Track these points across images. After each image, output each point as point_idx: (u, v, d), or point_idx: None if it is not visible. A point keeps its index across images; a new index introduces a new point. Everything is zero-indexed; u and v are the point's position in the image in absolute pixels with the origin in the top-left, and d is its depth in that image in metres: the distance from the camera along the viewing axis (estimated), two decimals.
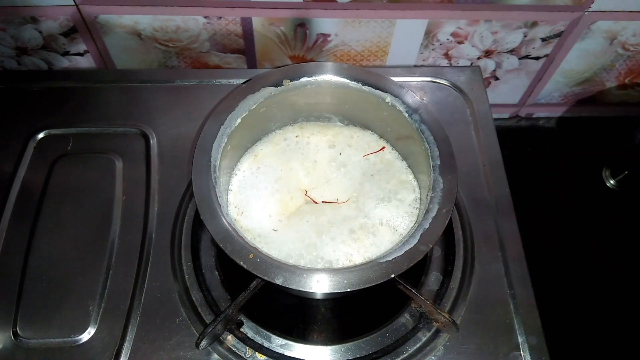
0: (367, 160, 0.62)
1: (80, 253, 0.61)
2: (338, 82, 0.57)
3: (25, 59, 0.79)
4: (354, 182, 0.60)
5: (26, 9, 0.70)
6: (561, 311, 0.63)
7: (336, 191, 0.60)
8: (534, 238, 0.64)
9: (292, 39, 0.76)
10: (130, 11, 0.71)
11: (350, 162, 0.62)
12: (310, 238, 0.56)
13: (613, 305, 0.65)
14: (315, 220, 0.57)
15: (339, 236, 0.56)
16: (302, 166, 0.61)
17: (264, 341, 0.56)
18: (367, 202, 0.58)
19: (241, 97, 0.55)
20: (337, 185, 0.61)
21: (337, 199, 0.60)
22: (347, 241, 0.55)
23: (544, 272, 0.63)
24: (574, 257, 0.69)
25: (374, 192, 0.59)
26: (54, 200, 0.64)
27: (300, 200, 0.60)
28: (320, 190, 0.60)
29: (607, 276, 0.67)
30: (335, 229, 0.56)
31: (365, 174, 0.61)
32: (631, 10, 0.72)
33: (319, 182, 0.61)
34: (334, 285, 0.44)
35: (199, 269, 0.61)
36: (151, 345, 0.56)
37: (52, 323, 0.56)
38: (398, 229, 0.56)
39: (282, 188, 0.60)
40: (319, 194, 0.60)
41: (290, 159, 0.62)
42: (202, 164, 0.51)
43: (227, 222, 0.47)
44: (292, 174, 0.61)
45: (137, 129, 0.70)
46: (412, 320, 0.58)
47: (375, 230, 0.56)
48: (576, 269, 0.67)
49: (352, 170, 0.61)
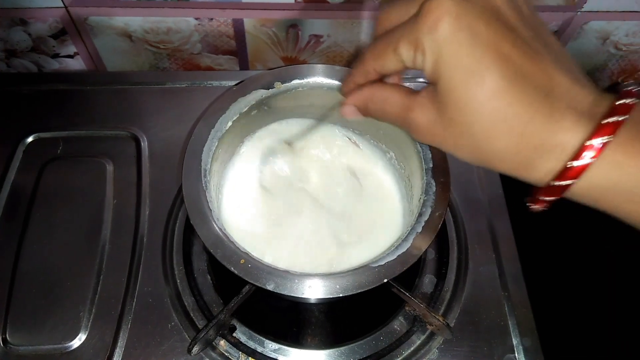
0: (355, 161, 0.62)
1: (71, 258, 0.60)
2: (330, 84, 0.56)
3: (14, 61, 0.79)
4: (343, 184, 0.60)
5: (14, 10, 0.70)
6: (556, 312, 0.63)
7: (326, 192, 0.60)
8: (527, 239, 0.64)
9: (284, 40, 0.76)
10: (120, 13, 0.71)
11: (340, 164, 0.62)
12: (303, 238, 0.56)
13: (608, 306, 0.65)
14: (308, 220, 0.57)
15: (327, 238, 0.56)
16: (293, 168, 0.61)
17: (257, 346, 0.55)
18: (357, 204, 0.58)
19: (232, 100, 0.55)
20: (327, 186, 0.60)
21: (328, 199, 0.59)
22: (338, 243, 0.55)
23: (538, 273, 0.63)
24: (568, 257, 0.68)
25: (364, 193, 0.59)
26: (43, 204, 0.64)
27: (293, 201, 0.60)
28: (311, 191, 0.60)
29: (602, 277, 0.67)
30: (325, 230, 0.56)
31: (354, 175, 0.61)
32: (623, 10, 0.72)
33: (310, 184, 0.60)
34: (326, 290, 0.44)
35: (191, 273, 0.60)
36: (143, 351, 0.55)
37: (42, 329, 0.56)
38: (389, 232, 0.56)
39: (274, 189, 0.60)
40: (310, 194, 0.60)
41: (281, 160, 0.62)
42: (193, 168, 0.50)
43: (218, 227, 0.46)
44: (284, 175, 0.61)
45: (127, 131, 0.70)
46: (406, 323, 0.58)
47: (367, 233, 0.56)
48: (570, 270, 0.67)
49: (341, 172, 0.61)
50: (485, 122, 0.30)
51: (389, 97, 0.37)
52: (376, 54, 0.36)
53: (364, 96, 0.40)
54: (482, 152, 0.32)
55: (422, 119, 0.34)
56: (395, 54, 0.34)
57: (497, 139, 0.31)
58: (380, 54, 0.35)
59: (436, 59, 0.31)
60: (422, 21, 0.31)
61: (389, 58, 0.35)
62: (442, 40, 0.30)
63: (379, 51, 0.36)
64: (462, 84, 0.30)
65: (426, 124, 0.34)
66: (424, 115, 0.34)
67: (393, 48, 0.34)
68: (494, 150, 0.31)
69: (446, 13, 0.30)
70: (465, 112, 0.31)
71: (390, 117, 0.38)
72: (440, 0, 0.30)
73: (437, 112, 0.33)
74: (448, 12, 0.30)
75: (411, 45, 0.32)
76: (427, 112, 0.34)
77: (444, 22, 0.30)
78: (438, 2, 0.30)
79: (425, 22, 0.31)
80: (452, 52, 0.30)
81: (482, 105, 0.30)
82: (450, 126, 0.32)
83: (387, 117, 0.38)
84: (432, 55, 0.31)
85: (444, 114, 0.32)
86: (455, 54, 0.30)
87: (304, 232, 0.57)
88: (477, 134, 0.31)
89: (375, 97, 0.39)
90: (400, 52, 0.33)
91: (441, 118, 0.33)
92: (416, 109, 0.35)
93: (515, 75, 0.30)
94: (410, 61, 0.33)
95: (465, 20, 0.30)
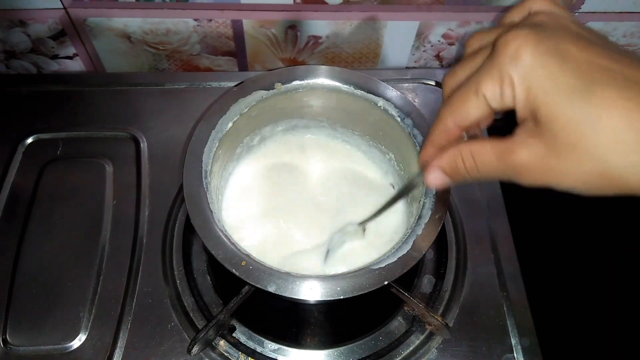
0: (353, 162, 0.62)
1: (71, 258, 0.60)
2: (330, 85, 0.56)
3: (13, 62, 0.79)
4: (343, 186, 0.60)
5: (14, 12, 0.70)
6: (554, 312, 0.64)
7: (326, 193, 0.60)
8: (526, 239, 0.65)
9: (283, 41, 0.76)
10: (119, 14, 0.71)
11: (340, 166, 0.62)
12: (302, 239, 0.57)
13: (606, 306, 0.66)
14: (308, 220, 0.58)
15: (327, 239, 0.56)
16: (293, 168, 0.61)
17: (256, 346, 0.56)
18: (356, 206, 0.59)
19: (232, 101, 0.55)
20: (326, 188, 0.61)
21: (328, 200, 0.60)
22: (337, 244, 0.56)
23: (536, 273, 0.63)
24: (566, 257, 0.69)
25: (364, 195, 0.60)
26: (43, 205, 0.64)
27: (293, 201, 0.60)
28: (311, 192, 0.60)
29: (600, 277, 0.67)
30: (325, 231, 0.57)
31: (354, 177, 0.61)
32: (621, 11, 0.73)
33: (310, 185, 0.61)
34: (327, 292, 0.44)
35: (191, 273, 0.60)
36: (142, 352, 0.55)
37: (42, 330, 0.56)
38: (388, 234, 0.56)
39: (274, 190, 0.60)
40: (310, 195, 0.60)
41: (282, 161, 0.62)
42: (193, 169, 0.50)
43: (219, 229, 0.47)
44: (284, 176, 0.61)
45: (127, 132, 0.70)
46: (406, 323, 0.58)
47: (368, 235, 0.56)
48: (569, 270, 0.68)
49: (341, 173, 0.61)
50: (608, 137, 0.28)
51: (479, 148, 0.34)
52: (455, 106, 0.34)
53: (451, 156, 0.36)
54: (611, 172, 0.29)
55: (529, 157, 0.31)
56: (478, 97, 0.32)
57: (626, 149, 0.28)
58: (459, 104, 0.33)
59: (528, 87, 0.29)
60: (502, 54, 0.30)
61: (471, 104, 0.32)
62: (530, 67, 0.29)
63: (457, 102, 0.33)
64: (568, 104, 0.28)
65: (536, 161, 0.31)
66: (531, 152, 0.31)
67: (474, 91, 0.32)
68: (626, 164, 0.28)
69: (525, 40, 0.29)
70: (581, 133, 0.28)
71: (487, 169, 0.34)
72: (516, 31, 0.29)
73: (545, 144, 0.30)
74: (526, 39, 0.29)
75: (495, 82, 0.31)
76: (533, 148, 0.30)
77: (526, 48, 0.29)
78: (514, 34, 0.30)
79: (506, 53, 0.30)
80: (545, 76, 0.29)
81: (599, 120, 0.28)
82: (566, 155, 0.29)
83: (484, 170, 0.34)
84: (522, 84, 0.30)
85: (554, 143, 0.29)
86: (549, 77, 0.29)
87: (303, 233, 0.57)
88: (600, 153, 0.28)
89: (464, 153, 0.35)
90: (484, 92, 0.31)
91: (552, 149, 0.30)
92: (518, 150, 0.31)
93: (619, 81, 0.28)
94: (497, 100, 0.31)
95: (547, 43, 0.29)
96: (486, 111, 0.32)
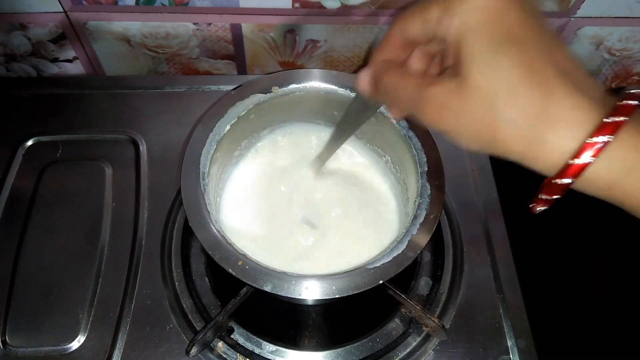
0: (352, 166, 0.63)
1: (70, 260, 0.61)
2: (327, 88, 0.57)
3: (14, 65, 0.79)
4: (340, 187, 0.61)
5: (14, 15, 0.70)
6: (550, 314, 0.64)
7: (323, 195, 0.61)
8: (522, 241, 0.65)
9: (282, 45, 0.77)
10: (119, 17, 0.71)
11: (336, 168, 0.62)
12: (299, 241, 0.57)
13: (602, 308, 0.66)
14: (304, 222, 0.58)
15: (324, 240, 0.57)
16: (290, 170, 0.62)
17: (254, 347, 0.56)
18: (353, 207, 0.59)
19: (230, 104, 0.55)
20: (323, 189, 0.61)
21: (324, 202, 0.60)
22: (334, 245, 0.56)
23: (532, 275, 0.63)
24: (562, 259, 0.69)
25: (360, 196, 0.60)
26: (43, 207, 0.64)
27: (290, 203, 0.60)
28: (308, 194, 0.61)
29: (596, 278, 0.68)
30: (322, 232, 0.57)
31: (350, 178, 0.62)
32: (616, 16, 0.73)
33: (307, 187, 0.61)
34: (323, 291, 0.44)
35: (189, 275, 0.61)
36: (141, 353, 0.55)
37: (42, 331, 0.56)
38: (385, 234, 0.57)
39: (271, 192, 0.60)
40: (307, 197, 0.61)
41: (278, 163, 0.62)
42: (191, 171, 0.51)
43: (216, 229, 0.47)
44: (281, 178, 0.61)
45: (126, 135, 0.70)
46: (402, 325, 0.58)
47: (364, 236, 0.56)
48: (564, 272, 0.68)
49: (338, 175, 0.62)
50: (508, 89, 0.30)
51: (407, 74, 0.37)
52: (402, 17, 0.36)
53: (383, 65, 0.38)
54: (496, 125, 0.31)
55: (437, 92, 0.33)
56: (422, 14, 0.34)
57: (516, 107, 0.30)
58: (406, 17, 0.36)
59: (464, 23, 0.31)
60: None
61: (415, 18, 0.35)
62: (474, 8, 0.31)
63: (406, 15, 0.36)
64: (489, 50, 0.30)
65: (441, 96, 0.33)
66: (442, 88, 0.33)
67: (422, 9, 0.34)
68: (511, 121, 0.30)
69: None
70: (489, 76, 0.30)
71: (404, 94, 0.36)
72: None
73: (455, 83, 0.32)
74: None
75: (440, 7, 0.33)
76: (446, 84, 0.33)
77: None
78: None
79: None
80: (482, 21, 0.31)
81: (507, 71, 0.30)
82: (468, 95, 0.31)
83: (402, 93, 0.36)
84: (460, 19, 0.32)
85: (463, 83, 0.31)
86: (485, 22, 0.31)
87: (300, 234, 0.57)
88: (497, 102, 0.30)
89: (395, 70, 0.38)
90: (430, 10, 0.33)
91: (459, 88, 0.32)
92: (433, 84, 0.33)
93: (543, 50, 0.30)
94: (434, 22, 0.33)
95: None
96: (424, 30, 0.34)
